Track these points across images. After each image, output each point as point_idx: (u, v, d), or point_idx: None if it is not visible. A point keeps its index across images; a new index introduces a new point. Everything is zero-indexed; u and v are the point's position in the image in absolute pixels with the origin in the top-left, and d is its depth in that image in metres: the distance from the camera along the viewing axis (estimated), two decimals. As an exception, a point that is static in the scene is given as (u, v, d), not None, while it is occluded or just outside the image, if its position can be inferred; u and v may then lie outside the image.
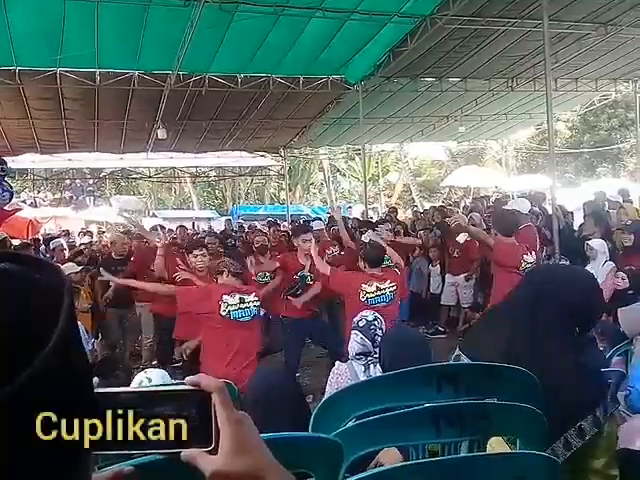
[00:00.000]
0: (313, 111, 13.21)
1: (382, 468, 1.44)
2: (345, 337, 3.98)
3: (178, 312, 4.76)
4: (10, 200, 8.26)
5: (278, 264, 5.54)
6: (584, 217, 7.31)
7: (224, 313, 4.01)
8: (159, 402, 0.60)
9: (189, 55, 8.48)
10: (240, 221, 17.94)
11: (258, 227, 12.48)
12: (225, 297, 4.03)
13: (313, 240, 5.20)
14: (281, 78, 10.75)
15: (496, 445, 1.63)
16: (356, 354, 3.24)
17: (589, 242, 5.69)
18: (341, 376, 3.23)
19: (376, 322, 3.29)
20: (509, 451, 1.64)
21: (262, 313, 4.44)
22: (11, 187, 7.85)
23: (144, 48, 8.69)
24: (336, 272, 4.83)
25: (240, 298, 4.08)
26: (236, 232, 13.03)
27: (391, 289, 4.52)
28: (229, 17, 7.81)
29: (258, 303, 4.21)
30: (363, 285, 4.46)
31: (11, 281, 0.49)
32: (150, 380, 2.69)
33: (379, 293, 4.48)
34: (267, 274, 5.97)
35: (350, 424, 1.63)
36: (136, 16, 7.60)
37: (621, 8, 8.91)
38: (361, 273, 4.65)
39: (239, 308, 4.06)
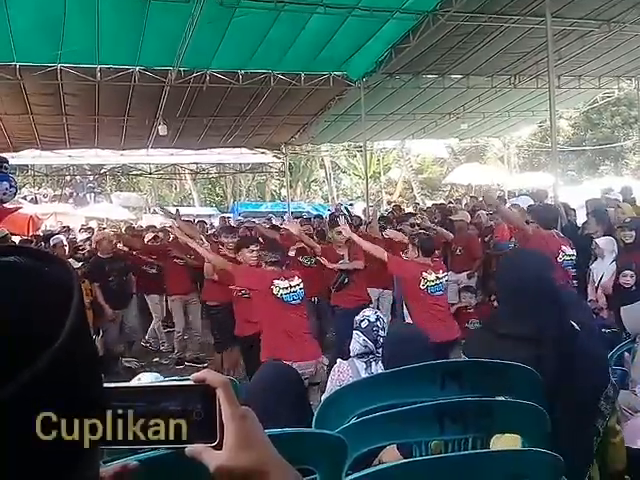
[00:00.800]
0: (314, 108, 13.19)
1: (385, 465, 1.43)
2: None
3: (236, 290, 4.98)
4: (14, 196, 8.29)
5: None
6: (587, 215, 7.29)
7: (278, 295, 4.27)
8: (164, 397, 0.60)
9: (190, 51, 8.46)
10: (240, 218, 17.93)
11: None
12: (276, 281, 4.29)
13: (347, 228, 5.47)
14: (282, 74, 10.73)
15: (506, 442, 1.62)
16: (358, 354, 3.24)
17: (596, 240, 5.68)
18: (343, 374, 3.23)
19: (378, 323, 3.27)
20: (512, 448, 1.63)
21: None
22: (16, 183, 7.88)
23: (145, 44, 8.67)
24: (394, 257, 5.03)
25: (289, 283, 4.33)
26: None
27: (445, 279, 4.76)
28: (230, 13, 7.79)
29: (302, 285, 4.44)
30: (424, 273, 4.60)
31: (22, 274, 0.48)
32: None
33: (437, 282, 4.64)
34: (312, 258, 6.27)
35: (353, 421, 1.62)
36: (137, 12, 7.58)
37: (624, 5, 8.89)
38: (419, 262, 4.75)
39: (289, 292, 4.30)
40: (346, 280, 5.69)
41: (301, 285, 4.40)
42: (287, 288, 4.30)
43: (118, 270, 6.72)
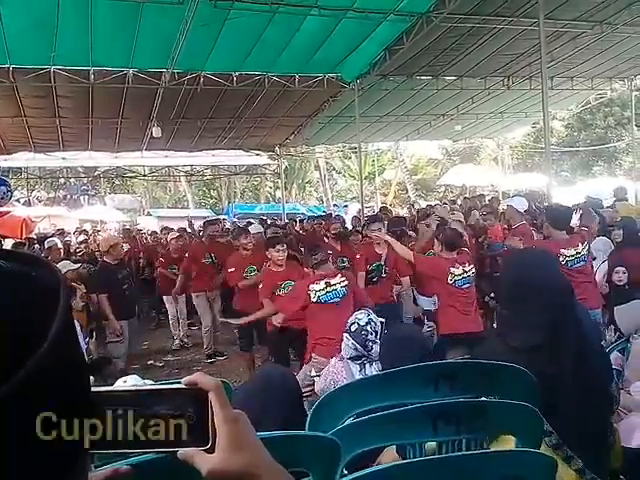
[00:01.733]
0: (309, 109, 13.21)
1: (379, 466, 1.43)
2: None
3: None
4: (10, 199, 8.29)
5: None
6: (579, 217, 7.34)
7: (315, 299, 4.39)
8: (156, 401, 0.60)
9: (184, 53, 8.45)
10: (235, 220, 17.91)
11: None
12: (312, 286, 4.43)
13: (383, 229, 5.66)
14: (276, 76, 10.74)
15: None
16: (349, 358, 3.22)
17: (592, 242, 5.72)
18: (337, 374, 3.22)
19: (368, 327, 3.23)
20: (506, 449, 1.63)
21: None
22: (10, 186, 7.92)
23: (138, 46, 8.66)
24: (420, 257, 5.13)
25: (326, 283, 4.42)
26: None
27: (472, 271, 4.81)
28: (224, 15, 7.79)
29: (346, 283, 4.49)
30: (451, 268, 4.67)
31: (7, 279, 0.48)
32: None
33: (465, 276, 4.70)
34: (345, 259, 6.41)
35: (347, 422, 1.62)
36: (130, 14, 7.56)
37: (616, 7, 8.95)
38: (444, 257, 4.82)
39: (327, 292, 4.41)
40: (375, 278, 5.73)
41: (343, 283, 4.47)
42: (324, 289, 4.41)
43: (128, 277, 6.64)
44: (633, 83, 13.93)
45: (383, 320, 3.42)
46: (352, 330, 3.23)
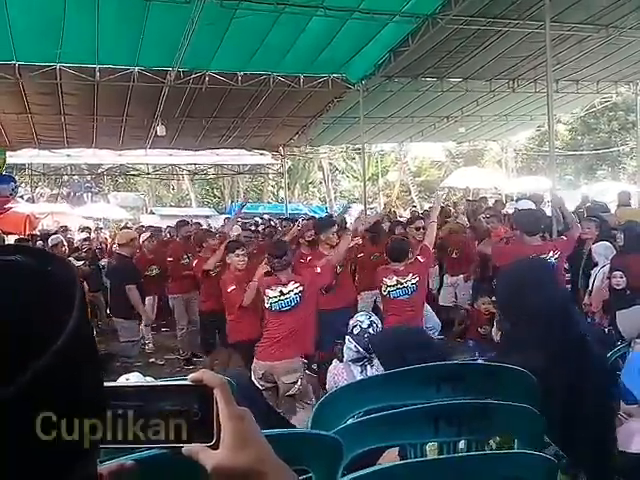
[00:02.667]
0: (313, 110, 13.20)
1: (381, 466, 1.43)
2: None
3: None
4: (16, 194, 8.33)
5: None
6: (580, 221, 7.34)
7: (267, 306, 4.36)
8: (162, 397, 0.60)
9: (189, 52, 8.46)
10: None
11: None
12: (267, 291, 4.37)
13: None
14: (281, 76, 10.74)
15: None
16: (350, 360, 3.21)
17: (593, 246, 5.72)
18: (338, 376, 3.22)
19: (370, 329, 3.23)
20: (508, 451, 1.64)
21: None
22: (17, 183, 7.96)
23: (144, 44, 8.67)
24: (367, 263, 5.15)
25: (280, 291, 4.34)
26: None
27: (412, 282, 4.82)
28: (230, 14, 7.79)
29: (300, 289, 4.38)
30: (384, 279, 4.80)
31: (24, 274, 0.48)
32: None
33: (400, 287, 4.78)
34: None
35: (349, 422, 1.63)
36: (137, 12, 7.58)
37: (622, 11, 8.92)
38: (385, 268, 4.94)
39: (279, 300, 4.34)
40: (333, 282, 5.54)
41: (299, 290, 4.34)
42: (277, 297, 4.32)
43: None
44: (638, 87, 13.88)
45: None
46: (354, 333, 3.22)
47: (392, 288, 4.70)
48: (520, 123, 16.84)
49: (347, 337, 3.27)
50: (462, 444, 1.65)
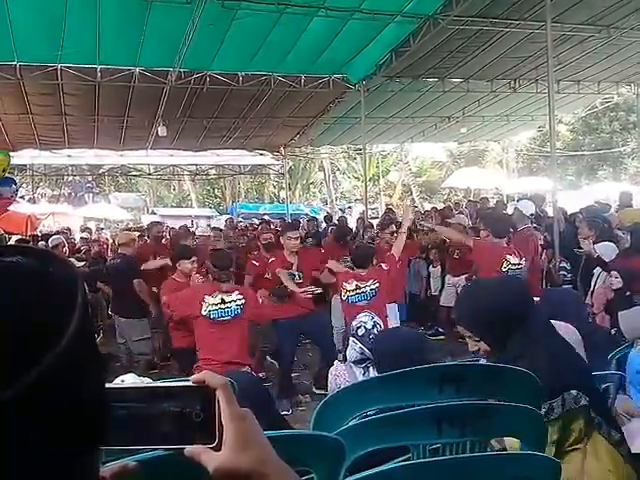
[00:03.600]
0: (314, 110, 13.21)
1: (383, 467, 1.43)
2: None
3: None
4: (16, 195, 8.36)
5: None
6: (580, 221, 7.34)
7: (205, 313, 4.11)
8: (164, 398, 0.60)
9: (190, 52, 8.47)
10: (240, 219, 17.96)
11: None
12: (207, 297, 4.13)
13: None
14: (282, 77, 10.75)
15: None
16: (354, 361, 3.18)
17: (596, 246, 5.71)
18: (339, 377, 3.19)
19: (375, 330, 3.21)
20: (511, 451, 1.63)
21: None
22: (17, 184, 7.99)
23: (145, 45, 8.68)
24: (332, 264, 5.10)
25: (221, 299, 4.14)
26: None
27: (372, 289, 4.81)
28: (231, 15, 7.80)
29: (242, 302, 4.21)
30: (344, 283, 4.77)
31: (26, 275, 0.48)
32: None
33: (359, 292, 4.76)
34: (301, 274, 5.80)
35: (351, 423, 1.62)
36: (138, 12, 7.59)
37: (624, 11, 8.92)
38: (346, 272, 4.91)
39: (219, 308, 4.13)
40: (283, 292, 5.37)
41: (240, 301, 4.19)
42: (217, 304, 4.13)
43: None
44: (639, 88, 13.89)
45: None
46: (359, 334, 3.18)
47: (351, 293, 4.72)
48: (521, 123, 16.84)
49: (351, 338, 3.25)
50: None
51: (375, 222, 10.38)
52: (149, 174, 20.63)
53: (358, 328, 3.23)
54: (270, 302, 5.05)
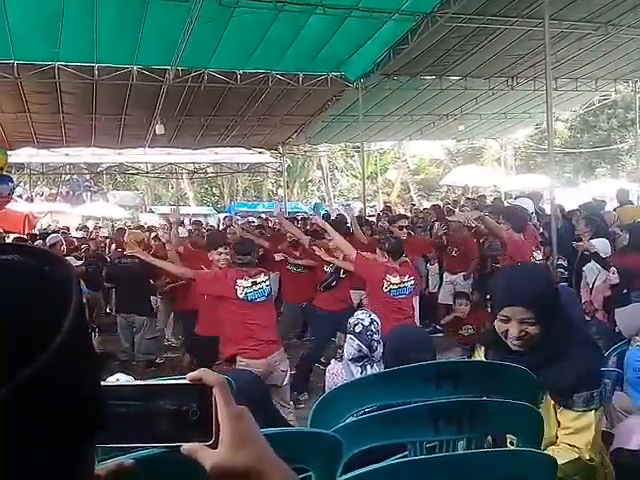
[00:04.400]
0: (312, 108, 13.19)
1: (380, 464, 1.43)
2: None
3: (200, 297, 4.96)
4: (13, 193, 8.33)
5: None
6: (578, 218, 7.35)
7: (241, 296, 4.22)
8: (160, 396, 0.60)
9: (188, 50, 8.45)
10: (238, 218, 17.92)
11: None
12: (239, 281, 4.24)
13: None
14: (280, 75, 10.73)
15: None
16: (351, 359, 3.17)
17: (592, 241, 5.73)
18: (337, 376, 3.18)
19: (372, 327, 3.19)
20: (508, 448, 1.64)
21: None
22: (14, 182, 7.97)
23: (143, 43, 8.66)
24: (362, 257, 4.88)
25: (252, 281, 4.28)
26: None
27: (411, 284, 4.76)
28: (229, 12, 7.78)
29: (269, 282, 4.42)
30: (388, 276, 4.63)
31: (22, 274, 0.48)
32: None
33: (402, 286, 4.66)
34: (299, 266, 6.38)
35: (348, 420, 1.62)
36: (135, 10, 7.57)
37: (621, 8, 8.93)
38: (385, 264, 4.75)
39: (254, 290, 4.27)
40: (334, 283, 5.62)
41: (267, 282, 4.37)
42: (251, 287, 4.25)
43: None
44: (637, 85, 13.90)
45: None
46: (357, 331, 3.17)
47: (394, 286, 4.61)
48: (519, 121, 16.84)
49: (348, 335, 3.23)
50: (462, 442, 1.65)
51: (372, 220, 10.37)
52: (147, 172, 20.60)
53: (355, 325, 3.21)
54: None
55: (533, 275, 2.06)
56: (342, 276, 5.57)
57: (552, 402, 1.82)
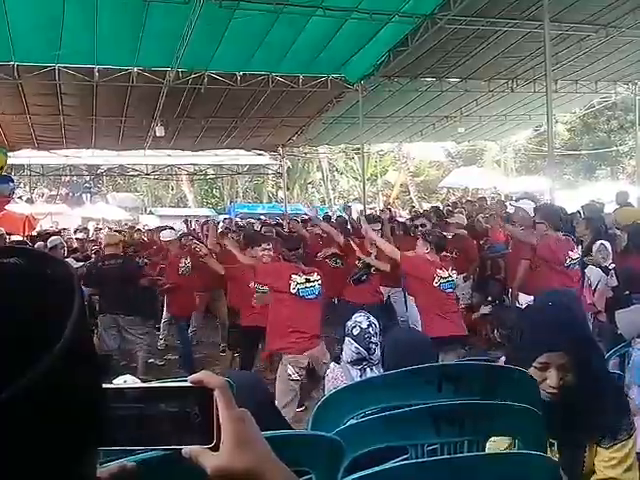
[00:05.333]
0: (312, 110, 13.21)
1: (380, 467, 1.43)
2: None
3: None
4: (13, 193, 8.33)
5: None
6: (580, 219, 7.35)
7: (294, 291, 4.37)
8: (162, 399, 0.60)
9: (188, 52, 8.46)
10: (237, 220, 17.91)
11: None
12: (294, 276, 4.40)
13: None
14: (280, 76, 10.75)
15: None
16: (350, 361, 3.16)
17: (595, 244, 5.72)
18: (337, 380, 3.17)
19: (370, 329, 3.18)
20: (510, 451, 1.63)
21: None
22: (14, 182, 7.98)
23: (143, 45, 8.67)
24: (407, 255, 4.97)
25: (306, 278, 4.43)
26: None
27: (455, 276, 4.84)
28: (229, 14, 7.79)
29: (321, 282, 4.53)
30: (438, 270, 4.67)
31: (23, 277, 0.48)
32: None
33: (450, 280, 4.71)
34: (339, 260, 6.47)
35: (349, 423, 1.62)
36: (136, 12, 7.57)
37: (621, 10, 8.94)
38: (431, 259, 4.76)
39: (306, 287, 4.41)
40: (364, 277, 5.75)
41: (320, 281, 4.50)
42: (303, 283, 4.41)
43: None
44: (637, 87, 13.92)
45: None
46: (354, 334, 3.16)
47: (444, 280, 4.64)
48: (519, 123, 16.86)
49: (347, 338, 3.22)
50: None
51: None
52: (147, 174, 20.60)
53: (353, 328, 3.20)
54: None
55: (565, 313, 1.93)
56: (373, 272, 5.72)
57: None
